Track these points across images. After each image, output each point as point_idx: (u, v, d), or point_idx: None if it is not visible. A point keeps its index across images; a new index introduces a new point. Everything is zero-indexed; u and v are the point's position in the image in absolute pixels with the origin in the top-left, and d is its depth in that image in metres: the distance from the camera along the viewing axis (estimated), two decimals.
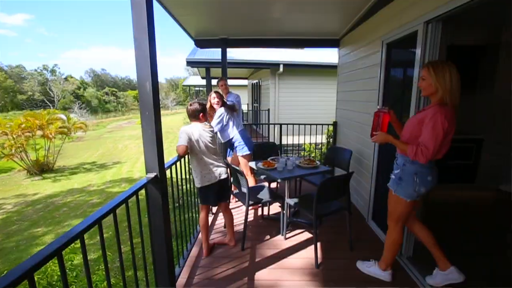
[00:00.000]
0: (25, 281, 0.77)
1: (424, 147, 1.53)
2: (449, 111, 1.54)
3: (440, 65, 1.57)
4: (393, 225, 1.91)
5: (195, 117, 2.35)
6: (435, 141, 1.51)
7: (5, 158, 11.65)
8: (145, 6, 1.40)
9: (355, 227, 2.77)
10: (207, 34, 4.33)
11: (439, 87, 1.55)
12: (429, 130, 1.52)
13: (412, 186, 1.70)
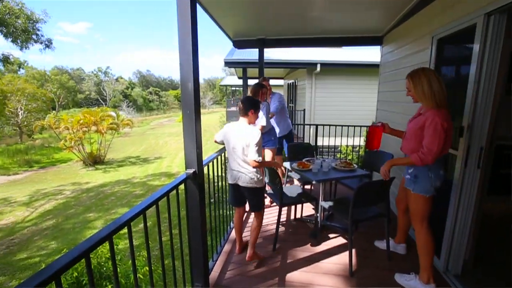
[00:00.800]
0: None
1: (427, 150, 1.69)
2: (444, 112, 1.70)
3: (416, 74, 1.79)
4: (419, 226, 1.92)
5: (244, 113, 2.19)
6: (439, 142, 1.66)
7: (67, 149, 13.23)
8: (190, 11, 1.48)
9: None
10: (245, 35, 4.40)
11: (421, 95, 1.76)
12: (431, 134, 1.68)
13: (429, 182, 1.81)
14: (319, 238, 2.70)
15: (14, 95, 20.22)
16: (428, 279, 1.93)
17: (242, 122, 2.20)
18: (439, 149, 1.67)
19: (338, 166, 2.82)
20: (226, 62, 8.94)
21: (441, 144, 1.66)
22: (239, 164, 2.19)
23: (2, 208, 8.27)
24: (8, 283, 4.76)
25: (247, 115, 2.18)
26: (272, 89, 4.11)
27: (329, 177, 2.63)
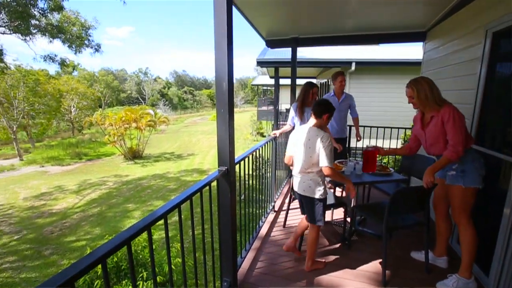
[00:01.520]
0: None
1: (455, 141, 1.79)
2: (452, 106, 1.85)
3: (418, 82, 1.94)
4: (466, 222, 1.91)
5: (318, 116, 2.08)
6: (461, 131, 1.79)
7: (110, 144, 14.42)
8: (226, 12, 1.52)
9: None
10: (278, 34, 4.39)
11: (424, 100, 1.92)
12: (452, 126, 1.80)
13: (477, 172, 1.85)
14: (350, 243, 2.61)
15: (68, 94, 22.50)
16: (470, 276, 1.93)
17: (312, 126, 2.09)
18: (464, 138, 1.78)
19: (380, 169, 2.69)
20: (259, 62, 8.99)
21: (463, 132, 1.79)
22: (299, 169, 2.12)
23: (57, 195, 9.28)
24: (60, 262, 5.33)
25: (320, 118, 2.07)
26: None
27: (362, 181, 2.52)
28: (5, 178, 11.93)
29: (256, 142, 18.79)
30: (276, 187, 3.71)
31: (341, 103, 3.76)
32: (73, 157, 15.61)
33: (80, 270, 0.79)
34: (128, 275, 3.48)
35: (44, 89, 18.71)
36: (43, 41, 10.61)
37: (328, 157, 1.95)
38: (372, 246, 2.59)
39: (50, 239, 6.29)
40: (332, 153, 1.99)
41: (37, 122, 19.06)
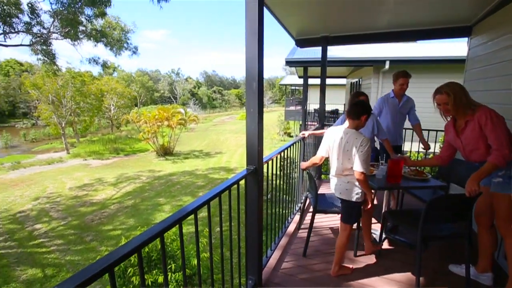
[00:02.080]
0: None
1: (498, 144, 1.68)
2: (486, 107, 1.77)
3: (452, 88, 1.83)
4: None
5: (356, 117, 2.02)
6: (504, 134, 1.69)
7: (144, 141, 15.28)
8: (257, 12, 1.53)
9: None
10: (308, 33, 4.32)
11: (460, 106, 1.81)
12: (491, 128, 1.70)
13: None
14: (380, 250, 2.49)
15: (109, 94, 24.24)
16: None
17: (350, 127, 2.05)
18: (508, 138, 1.69)
19: (407, 174, 2.54)
20: (287, 62, 8.92)
21: (505, 131, 1.70)
22: (335, 171, 2.09)
23: (97, 186, 10.05)
24: (99, 248, 5.77)
25: (358, 119, 2.01)
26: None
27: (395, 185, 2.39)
28: (55, 169, 13.21)
29: (283, 142, 18.68)
30: (304, 188, 3.66)
31: (402, 106, 3.36)
32: (111, 152, 16.80)
33: (119, 258, 0.85)
34: (158, 265, 3.67)
35: (88, 89, 20.37)
36: (89, 45, 11.56)
37: (365, 163, 1.90)
38: (404, 255, 2.45)
39: (90, 227, 6.84)
40: (369, 159, 1.94)
41: (82, 119, 20.80)
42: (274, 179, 2.59)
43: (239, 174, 1.57)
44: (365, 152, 1.90)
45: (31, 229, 6.82)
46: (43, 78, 16.99)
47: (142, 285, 0.98)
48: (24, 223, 7.13)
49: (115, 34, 12.50)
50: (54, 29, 9.89)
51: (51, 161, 14.81)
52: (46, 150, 19.26)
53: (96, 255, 5.31)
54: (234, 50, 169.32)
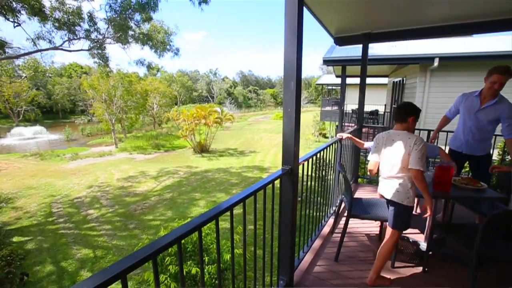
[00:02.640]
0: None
1: None
2: None
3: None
4: None
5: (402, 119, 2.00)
6: None
7: (183, 138, 16.09)
8: (297, 12, 1.52)
9: None
10: (348, 31, 4.14)
11: None
12: None
13: None
14: (426, 264, 2.30)
15: (152, 93, 26.00)
16: None
17: (399, 129, 2.01)
18: None
19: (459, 182, 2.30)
20: (325, 61, 8.67)
21: None
22: (387, 173, 2.04)
23: (140, 179, 10.86)
24: (140, 236, 6.24)
25: (406, 122, 1.98)
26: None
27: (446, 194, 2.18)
28: (105, 161, 14.58)
29: (318, 143, 18.23)
30: (339, 191, 3.54)
31: (483, 110, 2.63)
32: (153, 148, 18.01)
33: (161, 247, 0.92)
34: (192, 257, 3.85)
35: (135, 89, 22.08)
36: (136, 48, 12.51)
37: (421, 160, 1.83)
38: (452, 272, 2.23)
39: (133, 216, 7.42)
40: (424, 157, 1.85)
41: (128, 116, 22.62)
42: (310, 181, 2.55)
43: (274, 173, 1.57)
44: (420, 150, 1.84)
45: (85, 213, 7.62)
46: (98, 79, 18.84)
47: (181, 273, 1.04)
48: (79, 208, 8.00)
49: (159, 37, 13.35)
50: (108, 35, 10.90)
51: (102, 154, 16.38)
52: (99, 143, 21.34)
53: (138, 242, 5.74)
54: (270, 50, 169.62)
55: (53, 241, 6.15)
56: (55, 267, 5.23)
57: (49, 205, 8.20)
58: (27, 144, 20.66)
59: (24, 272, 4.83)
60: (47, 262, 5.37)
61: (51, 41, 9.76)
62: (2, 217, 7.24)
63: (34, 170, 12.49)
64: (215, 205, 5.33)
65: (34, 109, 30.70)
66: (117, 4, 9.73)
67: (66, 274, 5.02)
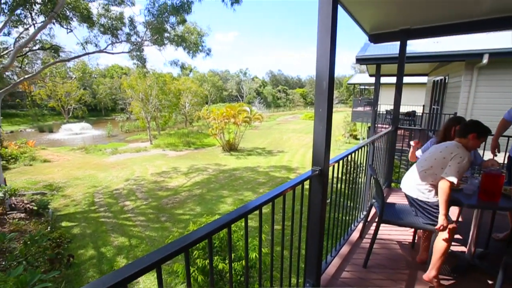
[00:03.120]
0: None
1: None
2: None
3: None
4: None
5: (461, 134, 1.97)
6: None
7: (212, 136, 16.54)
8: (331, 10, 1.48)
9: None
10: (384, 27, 3.94)
11: None
12: None
13: None
14: (465, 276, 2.12)
15: (185, 93, 27.07)
16: None
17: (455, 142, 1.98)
18: None
19: (508, 191, 2.08)
20: (358, 59, 8.34)
21: None
22: (415, 177, 2.08)
23: (172, 174, 11.39)
24: (171, 229, 6.55)
25: (466, 138, 1.90)
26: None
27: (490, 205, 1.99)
28: (141, 156, 15.52)
29: (348, 144, 17.61)
30: (370, 196, 3.39)
31: None
32: (184, 145, 18.75)
33: (193, 240, 0.96)
34: (219, 253, 3.95)
35: (168, 88, 23.18)
36: (171, 49, 13.13)
37: (454, 172, 1.76)
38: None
39: (165, 209, 7.81)
40: (461, 170, 1.77)
41: (162, 114, 23.81)
42: (337, 183, 2.47)
43: (303, 174, 1.55)
44: (460, 162, 1.78)
45: (122, 204, 8.19)
46: (136, 79, 20.09)
47: (211, 267, 1.08)
48: (118, 199, 8.61)
49: (192, 38, 13.85)
50: (146, 37, 11.56)
51: (138, 149, 17.45)
52: (135, 140, 22.76)
53: (169, 234, 6.04)
54: (301, 50, 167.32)
55: (95, 228, 6.71)
56: (95, 252, 5.70)
57: (92, 195, 8.95)
58: (75, 139, 22.72)
59: (71, 254, 5.33)
60: (89, 247, 5.87)
61: (97, 44, 10.62)
62: (54, 204, 8.06)
63: (80, 162, 13.71)
64: (242, 203, 5.48)
65: (81, 107, 33.69)
66: (155, 8, 10.28)
67: (105, 259, 5.45)
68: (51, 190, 9.16)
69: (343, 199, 2.63)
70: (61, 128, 27.23)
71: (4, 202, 6.68)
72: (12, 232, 5.48)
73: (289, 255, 1.72)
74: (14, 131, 26.78)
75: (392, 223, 2.27)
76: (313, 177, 1.59)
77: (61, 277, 4.59)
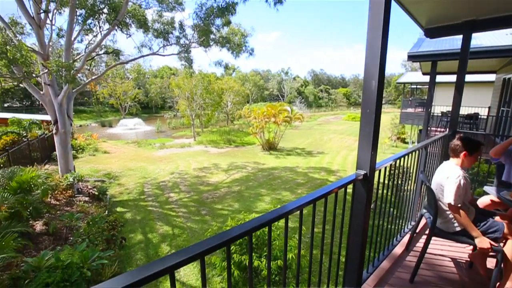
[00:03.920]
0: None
1: None
2: None
3: None
4: None
5: (454, 153, 2.02)
6: None
7: (253, 135, 16.81)
8: (383, 5, 1.39)
9: None
10: (443, 19, 3.55)
11: None
12: None
13: None
14: None
15: (227, 92, 27.95)
16: None
17: (451, 162, 2.05)
18: None
19: None
20: (411, 56, 7.68)
21: None
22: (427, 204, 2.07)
23: (213, 170, 11.88)
24: (210, 222, 6.84)
25: (458, 157, 1.97)
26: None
27: None
28: (185, 152, 16.49)
29: (395, 148, 16.37)
30: (420, 205, 3.11)
31: None
32: (225, 142, 19.39)
33: (235, 236, 0.99)
34: (255, 250, 4.00)
35: (212, 88, 24.16)
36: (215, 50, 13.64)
37: (452, 193, 1.79)
38: None
39: (205, 203, 8.18)
40: (459, 189, 1.77)
41: (206, 112, 24.93)
42: (382, 189, 2.32)
43: (347, 178, 1.49)
44: (454, 182, 1.82)
45: (167, 195, 8.81)
46: (183, 79, 21.39)
47: (250, 263, 1.10)
48: (163, 190, 9.29)
49: (236, 39, 14.22)
50: (193, 40, 12.21)
51: (183, 145, 18.57)
52: (180, 136, 24.26)
53: (208, 227, 6.31)
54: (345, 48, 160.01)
55: (144, 215, 7.34)
56: (143, 237, 6.24)
57: (142, 185, 9.81)
58: (129, 133, 25.11)
59: (123, 237, 5.92)
60: (138, 232, 6.45)
61: (150, 48, 11.58)
62: (111, 191, 9.04)
63: (133, 155, 15.11)
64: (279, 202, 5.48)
65: (136, 105, 37.09)
66: (202, 12, 10.79)
67: (151, 245, 5.93)
68: (109, 178, 10.28)
69: (388, 207, 2.46)
70: (119, 123, 30.39)
71: (73, 186, 7.70)
72: (78, 212, 6.30)
73: (326, 260, 1.67)
74: (82, 125, 30.67)
75: (445, 237, 2.06)
76: (357, 181, 1.52)
77: (114, 256, 5.12)
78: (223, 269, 4.08)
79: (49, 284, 3.42)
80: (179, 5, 11.06)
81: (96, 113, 37.86)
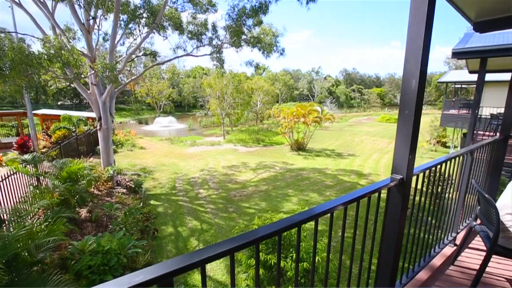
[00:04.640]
0: None
1: None
2: None
3: None
4: None
5: None
6: None
7: (281, 135, 16.75)
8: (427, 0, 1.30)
9: None
10: (497, 11, 3.18)
11: None
12: None
13: None
14: None
15: (257, 91, 28.13)
16: None
17: None
18: None
19: None
20: (456, 53, 7.02)
21: None
22: None
23: (241, 169, 12.05)
24: (237, 220, 6.96)
25: None
26: None
27: None
28: (215, 150, 16.94)
29: (433, 152, 15.22)
30: (463, 216, 2.85)
31: None
32: (254, 141, 19.56)
33: (265, 235, 1.00)
34: None
35: (242, 87, 24.50)
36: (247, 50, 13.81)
37: None
38: None
39: (233, 201, 8.33)
40: None
41: (235, 111, 25.36)
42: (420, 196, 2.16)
43: (381, 182, 1.42)
44: None
45: (197, 191, 9.13)
46: (214, 79, 21.97)
47: (278, 262, 1.10)
48: (193, 186, 9.65)
49: (267, 39, 14.23)
50: (225, 40, 12.47)
51: (213, 143, 19.09)
52: (211, 134, 24.97)
53: (235, 225, 6.42)
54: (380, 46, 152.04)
55: (175, 209, 7.69)
56: (174, 230, 6.54)
57: (173, 180, 10.28)
58: (164, 131, 26.44)
59: (156, 228, 6.27)
60: (169, 225, 6.77)
61: (185, 49, 12.07)
62: (145, 184, 9.60)
63: (166, 151, 15.89)
64: (307, 203, 5.38)
65: (170, 103, 38.95)
66: (234, 13, 10.98)
67: (181, 238, 6.19)
68: (144, 172, 10.93)
69: (426, 215, 2.29)
70: (154, 121, 32.18)
71: (113, 178, 8.32)
72: (117, 203, 6.80)
73: (355, 266, 1.61)
74: (122, 122, 32.99)
75: (508, 255, 1.85)
76: (392, 186, 1.44)
77: (147, 246, 5.44)
78: (249, 267, 4.13)
79: (91, 266, 3.74)
80: (212, 7, 11.36)
81: (134, 111, 40.54)
